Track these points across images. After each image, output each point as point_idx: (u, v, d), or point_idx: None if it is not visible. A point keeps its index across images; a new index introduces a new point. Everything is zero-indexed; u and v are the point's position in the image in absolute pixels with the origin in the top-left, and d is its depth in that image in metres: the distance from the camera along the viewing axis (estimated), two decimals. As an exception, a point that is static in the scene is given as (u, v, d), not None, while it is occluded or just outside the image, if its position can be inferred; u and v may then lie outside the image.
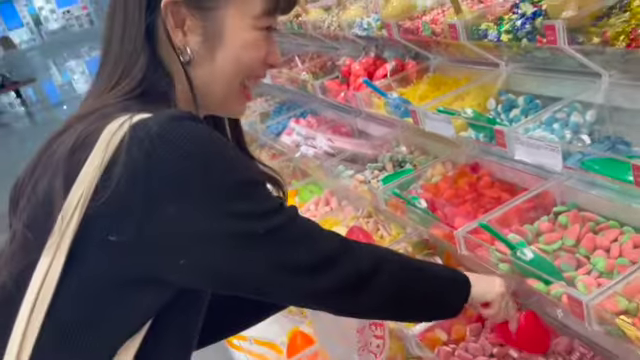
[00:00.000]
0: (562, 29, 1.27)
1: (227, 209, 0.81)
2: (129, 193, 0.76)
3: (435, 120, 1.61)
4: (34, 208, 0.83)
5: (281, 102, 3.09)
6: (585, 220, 1.39)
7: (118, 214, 0.77)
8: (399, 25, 1.88)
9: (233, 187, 0.83)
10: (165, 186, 0.77)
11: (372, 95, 1.96)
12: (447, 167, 1.86)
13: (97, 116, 0.84)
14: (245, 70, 0.94)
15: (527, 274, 1.27)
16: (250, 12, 0.91)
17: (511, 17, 1.51)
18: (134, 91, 0.88)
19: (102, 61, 0.94)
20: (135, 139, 0.77)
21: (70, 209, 0.77)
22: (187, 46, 0.90)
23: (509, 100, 1.67)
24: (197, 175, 0.79)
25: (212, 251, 0.82)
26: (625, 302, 1.10)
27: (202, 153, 0.80)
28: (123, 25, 0.90)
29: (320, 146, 2.15)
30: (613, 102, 1.42)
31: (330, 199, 2.47)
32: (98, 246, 0.79)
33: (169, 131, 0.78)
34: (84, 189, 0.77)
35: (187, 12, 0.89)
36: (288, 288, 0.91)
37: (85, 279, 0.80)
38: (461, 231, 1.41)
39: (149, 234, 0.78)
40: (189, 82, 0.91)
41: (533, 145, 1.29)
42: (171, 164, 0.77)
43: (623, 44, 1.19)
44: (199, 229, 0.80)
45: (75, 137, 0.81)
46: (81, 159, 0.78)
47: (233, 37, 0.91)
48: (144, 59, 0.89)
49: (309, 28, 2.50)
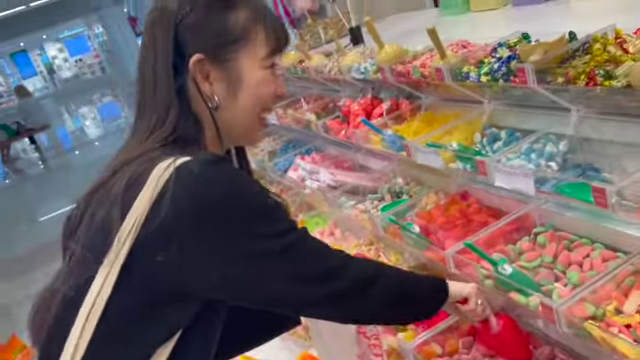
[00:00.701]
0: (531, 71, 1.46)
1: (252, 231, 0.99)
2: (174, 222, 0.94)
3: (425, 153, 1.79)
4: (94, 233, 1.00)
5: (288, 141, 3.28)
6: (561, 239, 1.53)
7: (165, 238, 0.94)
8: (392, 69, 2.08)
9: (257, 213, 1.00)
10: (203, 217, 0.95)
11: (370, 132, 2.14)
12: (440, 196, 2.02)
13: (144, 159, 1.01)
14: (262, 104, 1.13)
15: (509, 288, 1.41)
16: (258, 55, 1.10)
17: (490, 60, 1.70)
18: (167, 138, 1.04)
19: (136, 121, 1.11)
20: (180, 178, 0.94)
21: (125, 233, 0.94)
22: (214, 94, 1.08)
23: (493, 134, 1.84)
24: (229, 207, 0.97)
25: (239, 267, 0.99)
26: (592, 308, 1.24)
27: (233, 190, 0.98)
28: (153, 89, 1.06)
29: (323, 180, 2.32)
30: (582, 133, 1.58)
31: (334, 229, 2.63)
32: (146, 264, 0.95)
33: (207, 172, 0.96)
34: (137, 217, 0.94)
35: (210, 66, 1.07)
36: (299, 297, 1.07)
37: (133, 292, 0.97)
38: (450, 251, 1.56)
39: (189, 255, 0.95)
40: (216, 126, 1.09)
41: (509, 173, 1.46)
42: (208, 199, 0.95)
43: (583, 83, 1.37)
44: (230, 250, 0.98)
45: (129, 175, 0.98)
46: (135, 193, 0.95)
47: (250, 78, 1.09)
48: (175, 112, 1.05)
49: (312, 73, 2.71)
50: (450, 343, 1.70)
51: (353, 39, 3.13)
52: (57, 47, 26.70)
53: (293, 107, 3.06)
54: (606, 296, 1.28)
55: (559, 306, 1.21)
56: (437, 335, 1.72)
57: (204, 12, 1.07)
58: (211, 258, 0.97)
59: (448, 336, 1.73)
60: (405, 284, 1.23)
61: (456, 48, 1.99)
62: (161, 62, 1.06)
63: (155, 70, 1.07)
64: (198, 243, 0.95)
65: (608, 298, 1.27)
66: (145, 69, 1.09)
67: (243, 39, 1.08)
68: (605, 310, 1.23)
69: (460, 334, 1.73)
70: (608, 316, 1.22)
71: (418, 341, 1.69)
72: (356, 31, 3.11)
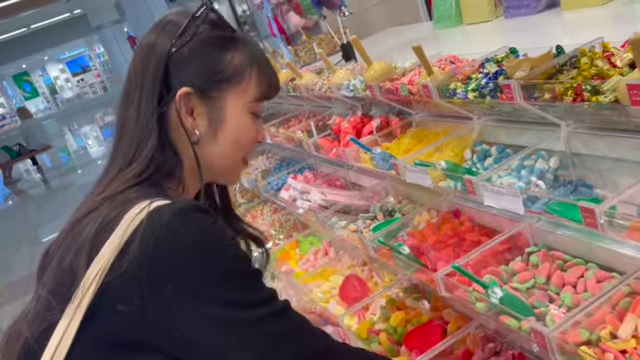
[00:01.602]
0: (517, 87, 1.42)
1: (221, 296, 0.93)
2: (138, 272, 0.90)
3: (414, 172, 1.75)
4: (59, 277, 0.97)
5: (281, 159, 3.25)
6: (554, 259, 1.49)
7: (128, 288, 0.90)
8: (380, 87, 2.05)
9: (228, 276, 0.94)
10: (168, 270, 0.90)
11: (359, 151, 2.11)
12: (432, 214, 1.98)
13: (120, 200, 0.98)
14: (242, 150, 1.13)
15: (501, 312, 1.36)
16: (245, 99, 1.09)
17: (477, 76, 1.66)
18: (147, 170, 1.02)
19: (116, 143, 1.09)
20: (149, 227, 0.91)
21: (89, 280, 0.91)
22: (195, 129, 1.06)
23: (483, 150, 1.80)
24: (197, 262, 0.92)
25: (204, 331, 0.93)
26: (586, 333, 1.19)
27: (204, 243, 0.92)
28: (137, 111, 1.05)
29: (314, 200, 2.28)
30: (573, 149, 1.54)
31: (328, 249, 2.59)
32: (109, 313, 0.91)
33: (177, 222, 0.92)
34: (102, 265, 0.91)
35: (196, 101, 1.06)
36: None
37: (96, 339, 0.92)
38: (439, 274, 1.51)
39: (151, 309, 0.90)
40: (196, 159, 1.06)
41: (498, 192, 1.42)
42: (176, 251, 0.91)
43: (570, 99, 1.33)
44: (195, 310, 0.92)
45: (100, 220, 0.95)
46: (103, 240, 0.93)
47: (232, 119, 1.08)
48: (154, 140, 1.03)
49: (303, 91, 2.68)
50: (444, 368, 1.65)
51: (345, 55, 3.11)
52: (59, 68, 26.92)
53: (285, 125, 3.04)
54: (601, 319, 1.23)
55: (550, 332, 1.16)
56: (430, 360, 1.67)
57: (202, 46, 1.07)
58: (172, 315, 0.91)
59: None
60: None
61: (444, 64, 1.96)
62: (149, 84, 1.05)
63: (142, 88, 1.05)
64: (159, 298, 0.90)
65: (603, 322, 1.22)
66: (131, 93, 1.07)
67: (234, 80, 1.08)
68: (600, 335, 1.18)
69: (454, 359, 1.68)
70: (603, 341, 1.17)
71: (411, 367, 1.64)
72: (348, 47, 3.10)
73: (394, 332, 1.92)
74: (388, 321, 1.97)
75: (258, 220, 3.20)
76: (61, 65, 27.16)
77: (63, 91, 27.51)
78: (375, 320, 2.01)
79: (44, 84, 27.20)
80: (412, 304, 1.98)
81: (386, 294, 2.08)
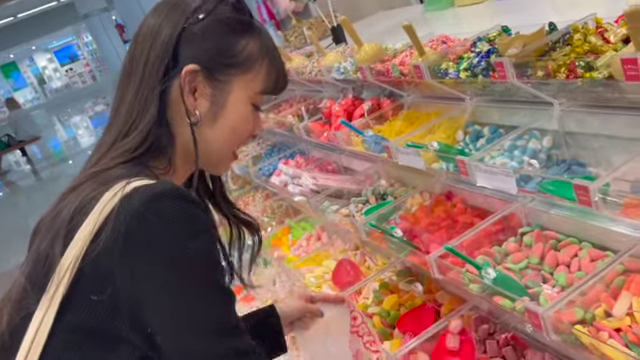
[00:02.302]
0: (510, 65, 1.40)
1: (185, 302, 0.87)
2: (109, 261, 0.86)
3: (406, 154, 1.73)
4: (36, 263, 0.93)
5: (272, 145, 3.22)
6: (547, 238, 1.47)
7: (100, 277, 0.86)
8: (371, 68, 2.02)
9: (193, 273, 0.88)
10: (137, 260, 0.86)
11: (351, 134, 2.08)
12: (424, 197, 1.96)
13: (103, 179, 0.94)
14: (238, 140, 1.08)
15: (495, 293, 1.35)
16: (252, 88, 1.05)
17: (469, 55, 1.64)
18: (142, 145, 0.98)
19: (113, 115, 1.04)
20: (121, 213, 0.86)
21: (63, 269, 0.87)
22: (196, 109, 1.01)
23: (476, 131, 1.78)
24: (164, 256, 0.86)
25: (170, 333, 0.87)
26: (581, 312, 1.18)
27: (170, 236, 0.86)
28: (139, 84, 1.00)
29: (306, 184, 2.25)
30: (566, 127, 1.53)
31: (321, 234, 2.57)
32: (83, 303, 0.88)
33: (147, 210, 0.86)
34: (76, 251, 0.87)
35: (202, 80, 1.01)
36: None
37: (72, 330, 0.89)
38: (432, 256, 1.50)
39: (122, 300, 0.86)
40: (194, 140, 1.01)
41: (491, 172, 1.40)
42: (144, 242, 0.85)
43: (564, 75, 1.31)
44: (161, 307, 0.87)
45: (78, 202, 0.91)
46: (79, 223, 0.89)
47: (234, 107, 1.04)
48: (153, 114, 0.98)
49: (293, 74, 2.65)
50: (436, 356, 1.64)
51: (335, 38, 3.07)
52: (47, 57, 26.59)
53: (276, 110, 3.00)
54: (595, 298, 1.22)
55: (545, 312, 1.15)
56: (424, 343, 1.66)
57: (218, 26, 1.02)
58: (141, 311, 0.86)
59: (435, 344, 1.67)
60: None
61: (435, 44, 1.93)
62: (155, 57, 1.00)
63: (147, 61, 1.00)
64: (128, 291, 0.86)
65: (597, 300, 1.21)
66: (134, 65, 1.02)
67: (244, 67, 1.04)
68: (594, 314, 1.17)
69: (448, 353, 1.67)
70: (597, 320, 1.16)
71: (404, 351, 1.63)
72: (338, 30, 3.05)
73: (387, 315, 1.91)
74: (381, 304, 1.96)
75: (250, 207, 3.17)
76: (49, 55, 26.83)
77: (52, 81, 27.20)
78: (368, 304, 2.00)
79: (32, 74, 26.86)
80: (405, 287, 1.97)
81: (379, 278, 2.07)
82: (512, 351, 1.58)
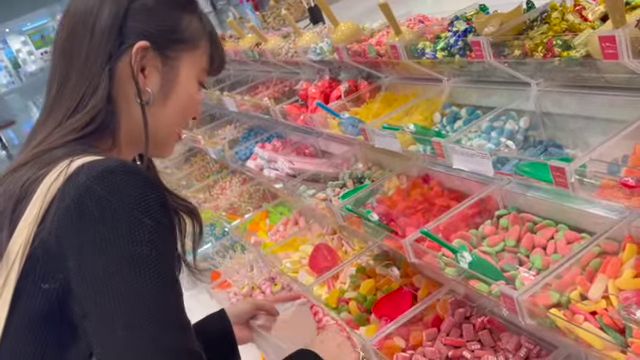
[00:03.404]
0: (487, 44, 1.36)
1: (120, 277, 0.78)
2: (57, 246, 0.80)
3: (382, 136, 1.69)
4: None
5: (249, 128, 3.16)
6: (524, 221, 1.46)
7: (49, 264, 0.81)
8: (348, 48, 1.96)
9: (146, 261, 0.79)
10: (85, 243, 0.79)
11: (327, 117, 2.03)
12: (401, 180, 1.93)
13: (45, 160, 0.88)
14: (185, 119, 1.06)
15: (471, 277, 1.33)
16: (198, 65, 1.04)
17: (446, 35, 1.60)
18: (91, 123, 0.93)
19: (56, 92, 0.98)
20: (66, 193, 0.80)
21: (11, 258, 0.81)
22: (147, 87, 0.97)
23: (453, 112, 1.75)
24: (114, 235, 0.79)
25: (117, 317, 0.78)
26: (556, 295, 1.16)
27: (120, 211, 0.79)
28: (84, 63, 0.95)
29: (282, 168, 2.21)
30: (543, 108, 1.50)
31: (298, 219, 2.53)
32: (36, 292, 0.82)
33: (96, 184, 0.80)
34: (23, 239, 0.81)
35: (152, 57, 0.98)
36: None
37: (28, 321, 0.83)
38: (408, 240, 1.47)
39: (72, 287, 0.79)
40: (145, 120, 0.97)
41: (467, 154, 1.37)
42: (92, 221, 0.79)
43: (541, 55, 1.28)
44: (113, 290, 0.78)
45: (19, 187, 0.85)
46: (22, 209, 0.83)
47: (184, 84, 1.02)
48: (102, 93, 0.94)
49: (268, 55, 2.58)
50: (414, 335, 1.62)
51: (312, 19, 3.00)
52: (21, 40, 25.92)
53: (252, 93, 2.94)
54: (570, 281, 1.20)
55: (520, 296, 1.13)
56: (401, 327, 1.64)
57: (163, 1, 1.01)
58: (91, 296, 0.78)
59: (412, 328, 1.65)
60: None
61: (413, 23, 1.89)
62: (101, 34, 0.95)
63: (92, 39, 0.95)
64: (79, 274, 0.79)
65: (573, 283, 1.19)
66: (78, 34, 0.97)
67: (191, 43, 1.02)
68: (570, 297, 1.16)
69: (424, 325, 1.65)
70: (573, 303, 1.14)
71: (380, 336, 1.60)
72: (315, 10, 2.99)
73: (364, 300, 1.89)
74: (358, 289, 1.94)
75: (227, 191, 3.12)
76: (23, 37, 26.12)
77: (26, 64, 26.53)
78: (345, 289, 1.98)
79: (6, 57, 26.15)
80: (382, 271, 1.95)
81: (356, 262, 2.04)
82: (488, 335, 1.56)
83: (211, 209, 2.95)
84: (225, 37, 3.59)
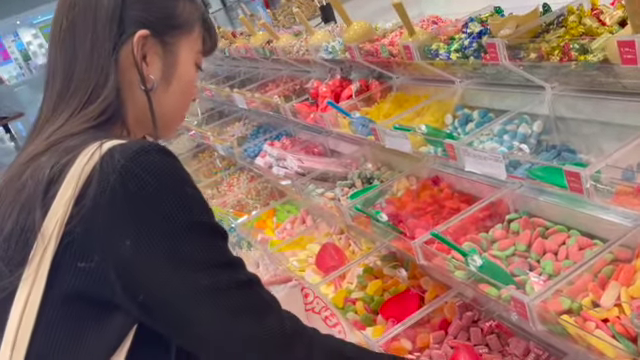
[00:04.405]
0: (502, 46, 1.35)
1: (182, 252, 0.83)
2: (95, 226, 0.81)
3: (393, 137, 1.68)
4: (9, 242, 0.86)
5: (258, 125, 3.16)
6: (535, 226, 1.44)
7: (86, 243, 0.81)
8: (360, 48, 1.96)
9: (191, 230, 0.84)
10: (124, 220, 0.81)
11: (338, 116, 2.03)
12: (411, 181, 1.92)
13: (63, 148, 0.88)
14: (187, 101, 1.10)
15: (481, 280, 1.32)
16: (194, 48, 1.07)
17: (461, 36, 1.59)
18: (103, 114, 0.95)
19: (61, 83, 0.98)
20: (103, 173, 0.81)
21: (45, 240, 0.81)
22: (150, 74, 1.00)
23: (465, 115, 1.74)
24: (154, 211, 0.82)
25: (165, 292, 0.83)
26: (568, 302, 1.15)
27: (163, 189, 0.83)
28: (90, 53, 0.96)
29: (291, 167, 2.20)
30: (557, 112, 1.49)
31: (306, 218, 2.52)
32: (71, 271, 0.82)
33: (134, 165, 0.82)
34: (58, 219, 0.81)
35: (152, 45, 1.00)
36: (214, 335, 0.86)
37: (62, 300, 0.83)
38: (417, 242, 1.46)
39: (112, 264, 0.81)
40: (150, 107, 1.00)
41: (479, 157, 1.36)
42: (131, 199, 0.81)
43: (557, 58, 1.26)
44: (153, 267, 0.82)
45: (49, 170, 0.85)
46: (54, 193, 0.83)
47: (183, 68, 1.06)
48: (112, 82, 0.95)
49: (280, 53, 2.58)
50: (421, 337, 1.61)
51: (324, 17, 3.00)
52: (32, 33, 26.02)
53: (262, 90, 2.94)
54: (582, 288, 1.19)
55: (531, 301, 1.12)
56: (407, 329, 1.63)
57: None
58: (132, 271, 0.82)
59: (419, 330, 1.64)
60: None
61: (426, 24, 1.88)
62: (103, 25, 0.97)
63: (95, 30, 0.97)
64: (118, 251, 0.81)
65: (584, 290, 1.18)
66: (77, 33, 0.98)
67: (186, 28, 1.06)
68: (581, 303, 1.14)
69: (432, 327, 1.64)
70: (584, 310, 1.13)
71: (386, 337, 1.59)
72: (327, 9, 2.98)
73: (371, 301, 1.88)
74: (365, 290, 1.93)
75: (234, 188, 3.12)
76: (34, 30, 26.25)
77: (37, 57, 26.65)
78: (352, 289, 1.97)
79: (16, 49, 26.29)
80: (390, 272, 1.94)
81: (363, 262, 2.03)
82: (496, 339, 1.55)
83: (218, 205, 2.95)
84: (236, 34, 3.59)
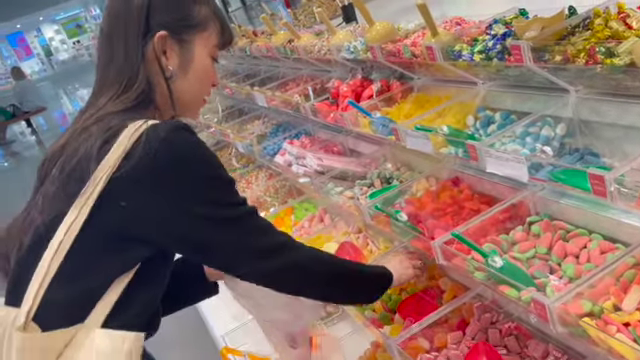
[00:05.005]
0: (527, 48, 1.35)
1: (207, 196, 1.16)
2: (140, 174, 1.10)
3: (414, 137, 1.68)
4: (67, 178, 1.14)
5: (277, 124, 3.18)
6: (556, 229, 1.44)
7: (130, 187, 1.10)
8: (382, 48, 1.97)
9: (212, 181, 1.18)
10: (163, 175, 1.11)
11: (358, 115, 2.04)
12: (431, 182, 1.92)
13: (110, 123, 1.16)
14: (205, 87, 1.34)
15: (500, 281, 1.32)
16: (209, 44, 1.31)
17: (484, 38, 1.59)
18: (137, 98, 1.22)
19: (103, 76, 1.26)
20: (149, 139, 1.10)
21: (97, 178, 1.09)
22: (169, 66, 1.26)
23: (487, 116, 1.74)
24: (187, 170, 1.13)
25: (190, 226, 1.15)
26: (589, 305, 1.15)
27: (192, 156, 1.15)
28: (125, 50, 1.23)
29: (310, 165, 2.22)
30: (581, 116, 1.48)
31: (324, 216, 2.54)
32: (113, 207, 1.10)
33: (171, 137, 1.12)
34: (110, 165, 1.09)
35: (171, 42, 1.26)
36: (240, 266, 1.24)
37: (99, 229, 1.11)
38: (437, 242, 1.46)
39: (149, 207, 1.11)
40: (170, 92, 1.26)
41: (502, 158, 1.36)
42: (169, 161, 1.11)
43: (583, 61, 1.26)
44: (185, 209, 1.14)
45: (103, 133, 1.13)
46: (108, 148, 1.11)
47: (198, 60, 1.30)
48: (142, 73, 1.23)
49: (301, 52, 2.60)
50: (438, 337, 1.62)
51: (345, 17, 3.01)
52: (54, 29, 26.40)
53: (283, 89, 2.95)
54: (604, 291, 1.19)
55: (552, 303, 1.12)
56: (425, 329, 1.63)
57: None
58: (166, 213, 1.12)
59: (437, 330, 1.65)
60: (344, 271, 1.40)
61: (449, 25, 1.88)
62: (134, 28, 1.23)
63: (127, 34, 1.23)
64: (155, 197, 1.11)
65: (606, 293, 1.18)
66: (115, 31, 1.25)
67: (201, 27, 1.29)
68: (602, 307, 1.14)
69: (449, 328, 1.65)
70: (606, 313, 1.13)
71: (404, 336, 1.60)
72: (349, 9, 3.00)
73: (388, 299, 1.89)
74: (382, 289, 1.93)
75: (253, 186, 3.14)
76: (56, 26, 26.65)
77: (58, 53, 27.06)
78: (369, 288, 1.97)
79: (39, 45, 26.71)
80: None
81: (381, 262, 2.04)
82: (515, 341, 1.55)
83: (237, 202, 2.97)
84: (257, 33, 3.62)
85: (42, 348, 1.09)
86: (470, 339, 1.59)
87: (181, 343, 3.12)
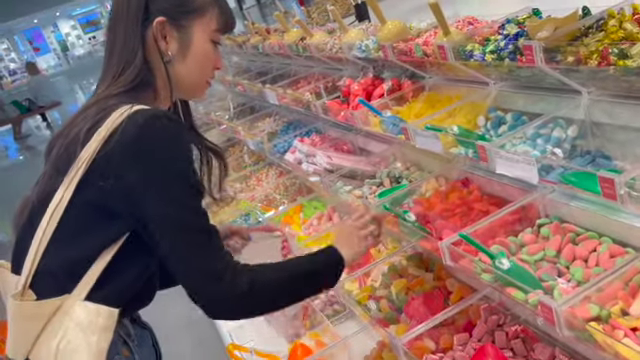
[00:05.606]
0: (539, 49, 1.34)
1: (171, 191, 1.19)
2: (115, 158, 1.17)
3: (424, 137, 1.68)
4: (60, 158, 1.24)
5: (288, 122, 3.18)
6: (566, 231, 1.43)
7: (106, 169, 1.18)
8: (394, 47, 1.96)
9: (179, 177, 1.20)
10: (135, 160, 1.17)
11: (369, 114, 2.03)
12: (440, 182, 1.92)
13: (106, 105, 1.24)
14: (206, 70, 1.38)
15: (508, 284, 1.31)
16: (209, 29, 1.34)
17: (496, 38, 1.58)
18: (134, 81, 1.28)
19: (108, 59, 1.33)
20: (127, 125, 1.17)
21: (81, 160, 1.19)
22: (168, 50, 1.31)
23: (498, 117, 1.72)
24: (160, 158, 1.19)
25: (151, 212, 1.19)
26: (596, 308, 1.14)
27: (167, 145, 1.20)
28: (124, 36, 1.30)
29: (320, 163, 2.22)
30: (593, 118, 1.46)
31: (332, 215, 2.54)
32: (93, 186, 1.19)
33: (149, 124, 1.18)
34: (92, 149, 1.18)
35: (170, 27, 1.31)
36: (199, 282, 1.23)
37: (84, 204, 1.21)
38: (445, 242, 1.46)
39: (122, 187, 1.18)
40: (168, 76, 1.32)
41: (512, 159, 1.35)
42: (143, 146, 1.18)
43: (595, 62, 1.25)
44: (149, 196, 1.19)
45: (91, 118, 1.22)
46: (94, 131, 1.19)
47: (197, 44, 1.34)
48: (140, 57, 1.29)
49: (313, 50, 2.59)
50: (444, 338, 1.61)
51: (358, 16, 3.00)
52: (70, 24, 26.64)
53: (294, 87, 2.96)
54: (612, 295, 1.18)
55: (559, 306, 1.11)
56: (431, 330, 1.63)
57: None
58: (134, 195, 1.18)
59: (442, 331, 1.64)
60: (296, 274, 1.34)
61: (462, 25, 1.87)
62: (133, 15, 1.29)
63: (128, 21, 1.30)
64: (127, 180, 1.17)
65: (614, 298, 1.17)
66: (118, 18, 1.32)
67: (200, 12, 1.33)
68: (610, 311, 1.13)
69: (455, 329, 1.64)
70: (613, 318, 1.12)
71: (410, 336, 1.60)
72: (362, 7, 2.99)
73: (395, 299, 1.88)
74: (389, 288, 1.93)
75: (263, 183, 3.15)
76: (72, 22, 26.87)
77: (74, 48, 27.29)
78: (376, 287, 1.98)
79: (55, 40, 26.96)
80: (415, 272, 1.93)
81: (389, 261, 2.04)
82: (521, 344, 1.54)
83: (246, 199, 2.98)
84: (270, 30, 3.62)
85: (32, 315, 1.20)
86: (476, 341, 1.58)
87: (188, 339, 3.14)
